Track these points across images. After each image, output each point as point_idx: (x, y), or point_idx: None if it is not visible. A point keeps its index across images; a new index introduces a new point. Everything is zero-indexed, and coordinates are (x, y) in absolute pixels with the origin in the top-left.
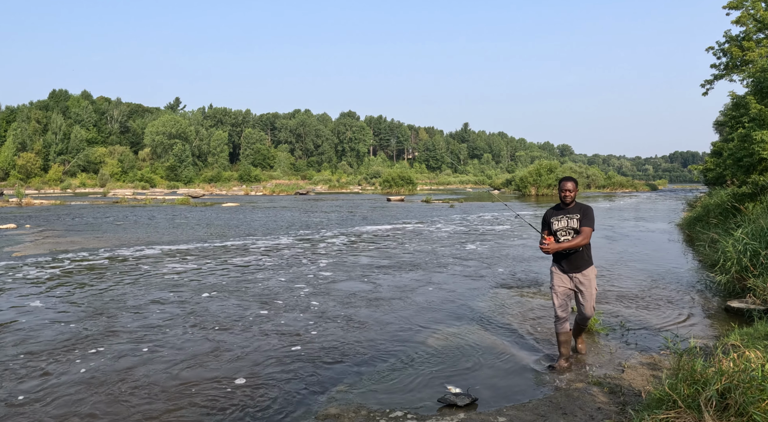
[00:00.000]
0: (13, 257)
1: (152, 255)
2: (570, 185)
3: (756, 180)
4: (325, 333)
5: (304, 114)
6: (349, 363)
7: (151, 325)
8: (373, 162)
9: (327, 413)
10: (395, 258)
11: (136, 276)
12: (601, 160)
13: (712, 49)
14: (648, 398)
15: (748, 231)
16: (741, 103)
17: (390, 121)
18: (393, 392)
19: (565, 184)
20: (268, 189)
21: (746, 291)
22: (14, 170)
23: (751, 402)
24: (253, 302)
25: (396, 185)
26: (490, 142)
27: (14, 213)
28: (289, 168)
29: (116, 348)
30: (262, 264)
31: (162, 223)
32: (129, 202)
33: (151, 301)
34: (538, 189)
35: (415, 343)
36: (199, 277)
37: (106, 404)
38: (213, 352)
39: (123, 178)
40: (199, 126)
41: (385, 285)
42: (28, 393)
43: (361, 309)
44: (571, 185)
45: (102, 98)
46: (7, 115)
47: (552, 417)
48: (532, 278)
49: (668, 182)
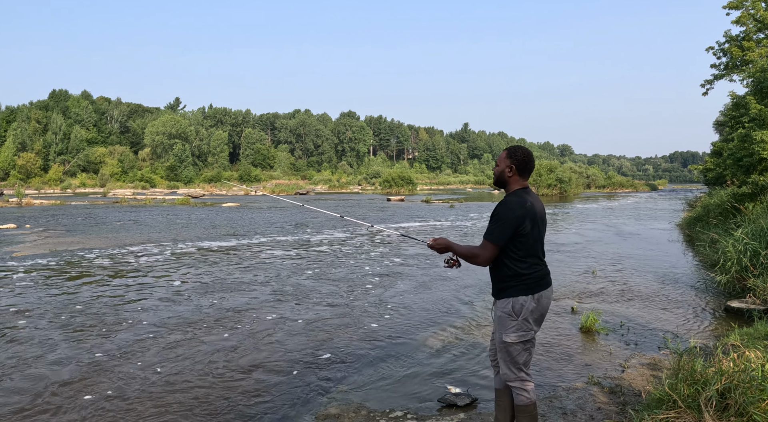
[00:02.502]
0: (14, 257)
1: (153, 255)
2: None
3: (756, 180)
4: (324, 332)
5: (304, 114)
6: (349, 363)
7: (150, 326)
8: (373, 162)
9: (327, 413)
10: (395, 259)
11: (138, 276)
12: (601, 160)
13: (712, 49)
14: (648, 398)
15: (748, 232)
16: (741, 103)
17: (390, 121)
18: (393, 392)
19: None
20: (268, 189)
21: (746, 291)
22: (14, 170)
23: (751, 402)
24: (253, 302)
25: (396, 185)
26: (490, 142)
27: (14, 214)
28: (289, 168)
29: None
30: (259, 263)
31: (162, 223)
32: (129, 202)
33: (138, 302)
34: (538, 189)
35: (415, 343)
36: (216, 275)
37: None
38: (212, 352)
39: (123, 178)
40: (199, 126)
41: (384, 285)
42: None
43: (360, 309)
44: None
45: (102, 98)
46: (7, 115)
47: (552, 417)
48: None
49: (668, 182)
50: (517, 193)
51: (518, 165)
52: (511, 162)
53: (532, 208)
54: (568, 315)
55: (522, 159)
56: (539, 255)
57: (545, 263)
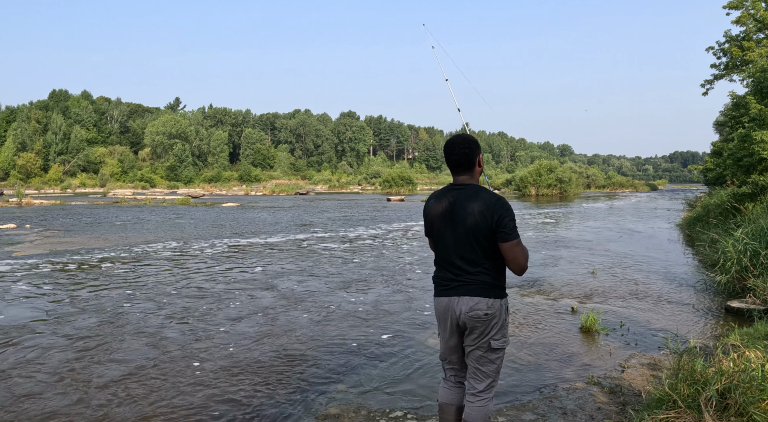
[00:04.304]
0: (13, 257)
1: (152, 254)
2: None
3: (756, 180)
4: (324, 332)
5: (304, 114)
6: (349, 363)
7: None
8: (373, 162)
9: (327, 413)
10: (393, 258)
11: (137, 277)
12: (601, 160)
13: (712, 49)
14: (648, 398)
15: (748, 232)
16: (741, 103)
17: (390, 121)
18: (393, 392)
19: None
20: (268, 189)
21: (746, 291)
22: (14, 170)
23: (751, 402)
24: (254, 300)
25: (396, 185)
26: (490, 142)
27: (14, 214)
28: (289, 168)
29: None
30: (258, 263)
31: (162, 223)
32: (129, 202)
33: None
34: (538, 189)
35: (415, 343)
36: (213, 275)
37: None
38: (212, 352)
39: (123, 178)
40: (199, 126)
41: (383, 285)
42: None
43: (359, 308)
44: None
45: (102, 98)
46: (7, 115)
47: (552, 417)
48: (531, 277)
49: (668, 182)
50: (441, 190)
51: (445, 158)
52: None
53: (432, 207)
54: (568, 315)
55: (444, 152)
56: (453, 261)
57: (465, 273)
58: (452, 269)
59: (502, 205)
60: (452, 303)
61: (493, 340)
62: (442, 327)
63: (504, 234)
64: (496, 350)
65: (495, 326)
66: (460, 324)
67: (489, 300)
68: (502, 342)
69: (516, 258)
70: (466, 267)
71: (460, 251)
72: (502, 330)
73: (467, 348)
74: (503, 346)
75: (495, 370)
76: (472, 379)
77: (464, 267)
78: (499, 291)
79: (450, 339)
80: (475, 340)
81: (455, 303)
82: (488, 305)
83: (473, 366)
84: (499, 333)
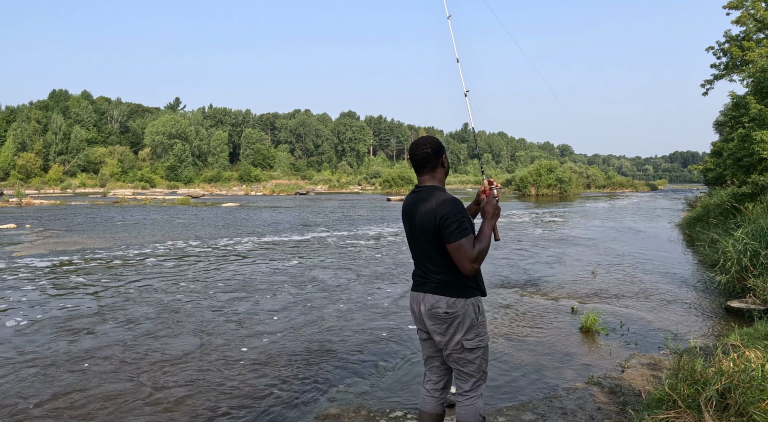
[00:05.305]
0: (13, 257)
1: (151, 254)
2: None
3: (756, 180)
4: (324, 332)
5: (304, 114)
6: (349, 363)
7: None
8: (373, 162)
9: (327, 413)
10: (391, 258)
11: (140, 275)
12: (601, 160)
13: (712, 49)
14: (648, 398)
15: (748, 232)
16: (741, 103)
17: (390, 121)
18: (393, 392)
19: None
20: (268, 189)
21: (746, 291)
22: (14, 170)
23: (751, 402)
24: (252, 300)
25: (396, 185)
26: (490, 142)
27: (14, 213)
28: (289, 168)
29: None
30: (254, 262)
31: (162, 223)
32: (129, 202)
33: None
34: (538, 189)
35: (415, 343)
36: (202, 274)
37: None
38: (212, 351)
39: (123, 178)
40: (199, 126)
41: (381, 284)
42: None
43: (359, 308)
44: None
45: (102, 98)
46: (7, 115)
47: (552, 417)
48: (531, 277)
49: (668, 182)
50: (410, 192)
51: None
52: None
53: (402, 209)
54: (568, 315)
55: (408, 152)
56: (420, 260)
57: (430, 272)
58: (421, 267)
59: (447, 205)
60: (419, 298)
61: (465, 341)
62: (415, 322)
63: (446, 236)
64: (471, 350)
65: (461, 326)
66: (424, 320)
67: (450, 299)
68: (477, 342)
69: (459, 260)
70: (429, 266)
71: (422, 251)
72: (474, 329)
73: (443, 351)
74: (479, 346)
75: (477, 369)
76: (458, 380)
77: (429, 266)
78: (463, 290)
79: (420, 332)
80: (445, 343)
81: (421, 298)
82: (448, 304)
83: (455, 368)
84: (470, 332)
